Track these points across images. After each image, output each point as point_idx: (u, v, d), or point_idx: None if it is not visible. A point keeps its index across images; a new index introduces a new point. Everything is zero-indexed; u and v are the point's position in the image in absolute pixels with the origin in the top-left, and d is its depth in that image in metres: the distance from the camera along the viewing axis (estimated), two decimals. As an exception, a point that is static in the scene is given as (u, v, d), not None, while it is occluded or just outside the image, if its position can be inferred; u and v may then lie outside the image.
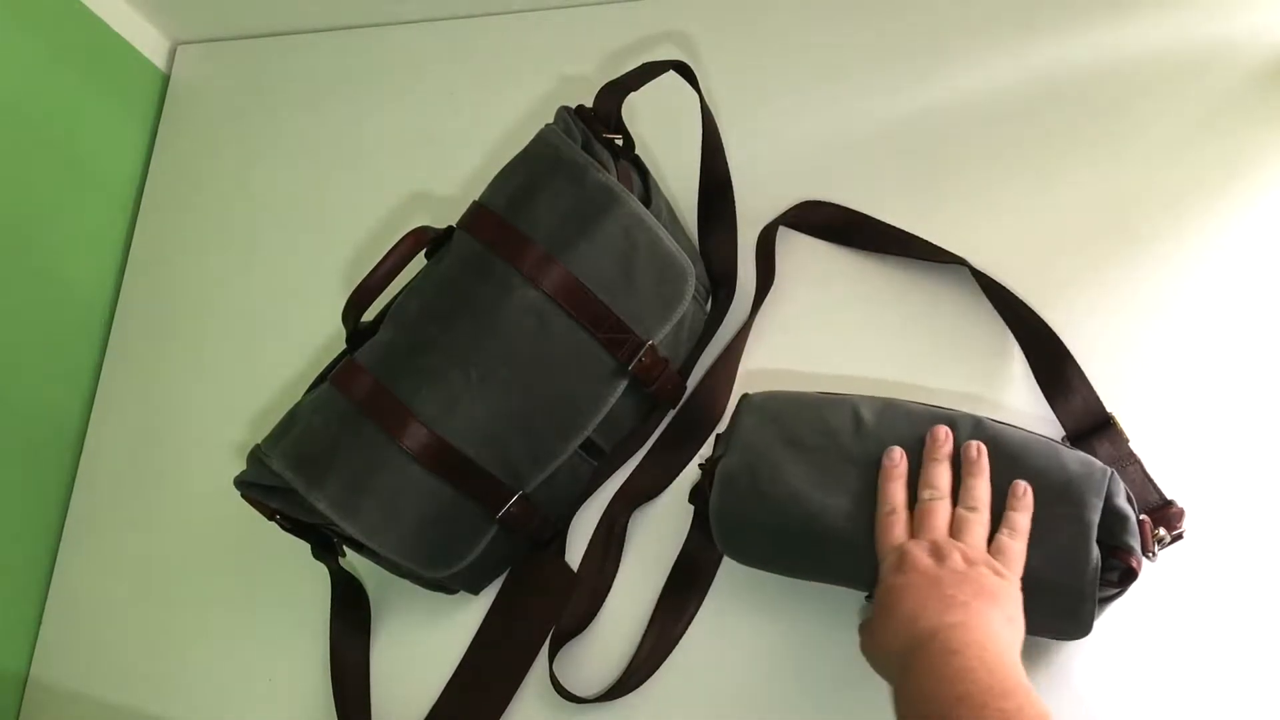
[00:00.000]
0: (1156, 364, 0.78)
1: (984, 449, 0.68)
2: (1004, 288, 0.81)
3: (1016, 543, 0.65)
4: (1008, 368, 0.80)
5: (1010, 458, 0.68)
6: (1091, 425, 0.76)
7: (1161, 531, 0.69)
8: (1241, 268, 0.79)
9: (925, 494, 0.67)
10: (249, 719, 0.86)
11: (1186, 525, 0.70)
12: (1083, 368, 0.78)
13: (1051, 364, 0.78)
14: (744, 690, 0.77)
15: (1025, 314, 0.80)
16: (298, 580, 0.87)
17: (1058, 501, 0.65)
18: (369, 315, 0.78)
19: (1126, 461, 0.73)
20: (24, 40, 0.96)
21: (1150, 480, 0.73)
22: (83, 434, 1.00)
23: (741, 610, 0.79)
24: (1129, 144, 0.85)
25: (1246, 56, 0.85)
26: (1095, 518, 0.64)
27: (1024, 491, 0.66)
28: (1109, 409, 0.76)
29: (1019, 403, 0.79)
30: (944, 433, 0.69)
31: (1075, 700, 0.72)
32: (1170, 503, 0.71)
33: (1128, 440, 0.74)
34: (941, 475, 0.68)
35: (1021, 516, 0.66)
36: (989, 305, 0.81)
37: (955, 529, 0.66)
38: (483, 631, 0.83)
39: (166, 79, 1.12)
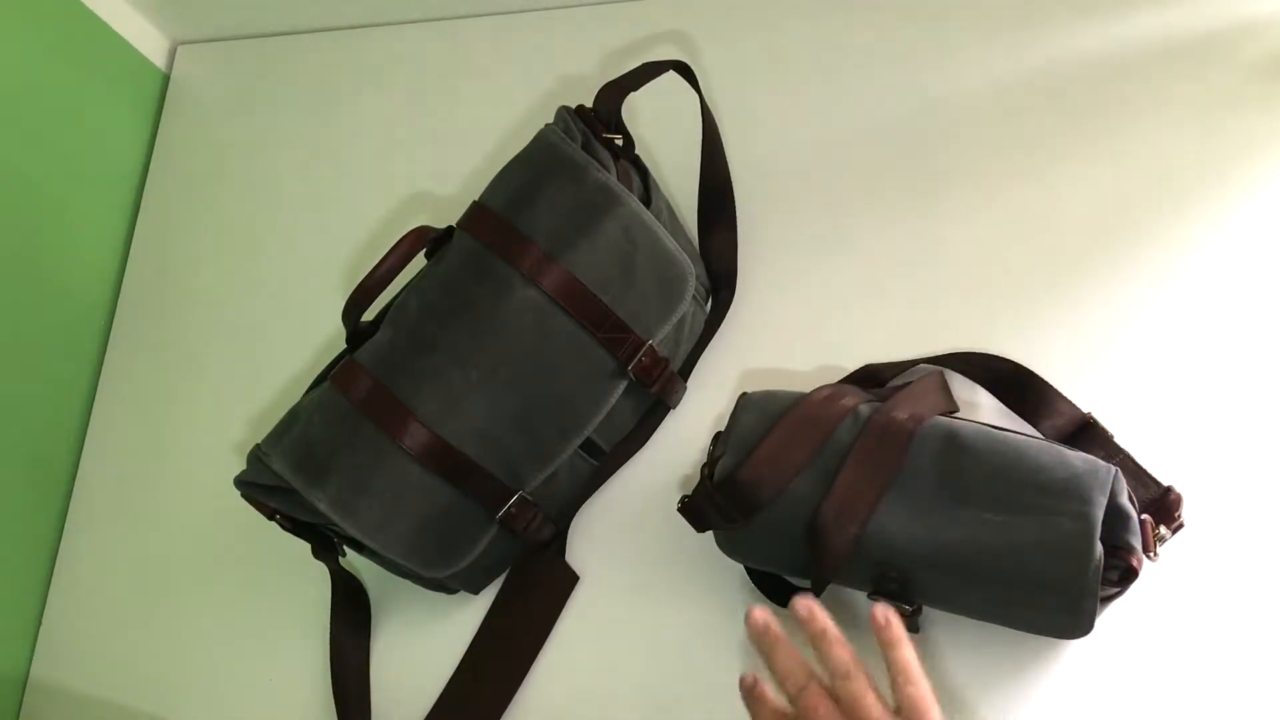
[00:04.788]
0: (1147, 361, 0.78)
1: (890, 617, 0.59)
2: (959, 354, 0.80)
3: (921, 689, 0.57)
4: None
5: (1014, 456, 0.67)
6: (1073, 431, 0.76)
7: (1163, 530, 0.68)
8: (1243, 264, 0.79)
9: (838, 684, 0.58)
10: (249, 719, 0.86)
11: (1185, 514, 0.70)
12: (1067, 365, 0.78)
13: (1021, 393, 0.78)
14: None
15: (984, 360, 0.79)
16: (298, 580, 0.87)
17: (1061, 498, 0.65)
18: (369, 315, 0.78)
19: (1115, 457, 0.73)
20: (24, 40, 0.96)
21: (1143, 470, 0.73)
22: (83, 434, 1.00)
23: (740, 610, 0.79)
24: (1129, 140, 0.84)
25: (1245, 51, 0.85)
26: (1099, 514, 0.64)
27: (891, 625, 0.58)
28: (1088, 409, 0.76)
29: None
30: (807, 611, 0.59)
31: (1075, 700, 0.72)
32: (1168, 489, 0.71)
33: (1112, 437, 0.74)
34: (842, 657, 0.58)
35: (903, 653, 0.58)
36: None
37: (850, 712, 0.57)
38: (483, 631, 0.83)
39: (166, 79, 1.12)
